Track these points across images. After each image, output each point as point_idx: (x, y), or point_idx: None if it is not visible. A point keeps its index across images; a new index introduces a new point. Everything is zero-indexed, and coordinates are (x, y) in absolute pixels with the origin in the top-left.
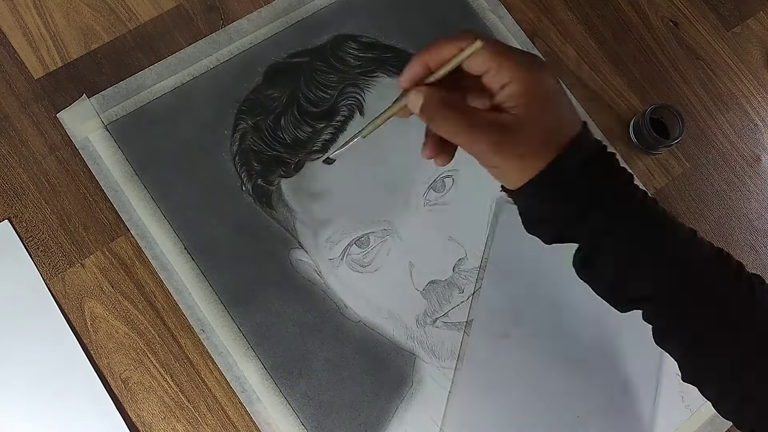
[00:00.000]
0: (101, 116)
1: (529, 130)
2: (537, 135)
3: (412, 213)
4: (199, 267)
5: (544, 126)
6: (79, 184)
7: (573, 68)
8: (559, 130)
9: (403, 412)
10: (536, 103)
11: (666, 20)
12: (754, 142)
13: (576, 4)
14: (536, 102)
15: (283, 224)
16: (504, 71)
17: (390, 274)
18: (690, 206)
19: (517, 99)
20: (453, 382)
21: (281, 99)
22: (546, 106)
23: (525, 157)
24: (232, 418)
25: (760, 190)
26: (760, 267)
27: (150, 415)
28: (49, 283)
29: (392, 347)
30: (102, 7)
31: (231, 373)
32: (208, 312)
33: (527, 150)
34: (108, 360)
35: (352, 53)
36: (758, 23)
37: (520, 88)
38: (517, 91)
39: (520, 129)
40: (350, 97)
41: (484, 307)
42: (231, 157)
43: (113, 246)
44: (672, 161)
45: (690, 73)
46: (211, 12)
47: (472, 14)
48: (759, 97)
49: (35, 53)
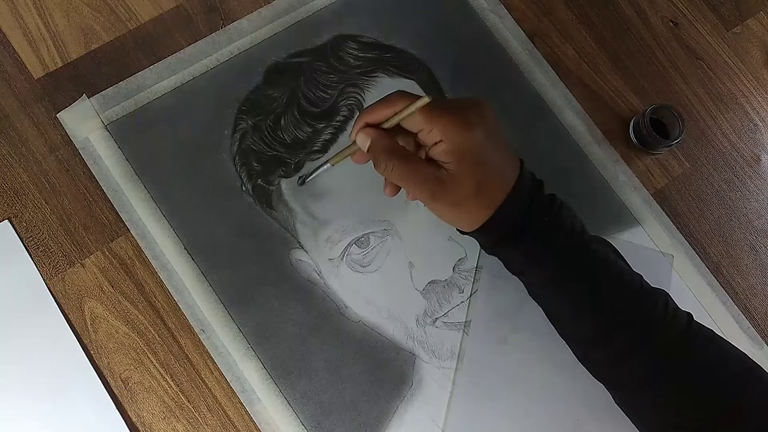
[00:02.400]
0: (101, 116)
1: (460, 183)
2: (469, 188)
3: (412, 213)
4: (199, 267)
5: (474, 180)
6: (79, 184)
7: (573, 68)
8: (491, 182)
9: (403, 412)
10: (465, 161)
11: (666, 20)
12: (754, 142)
13: (576, 4)
14: (465, 159)
15: (283, 224)
16: (435, 131)
17: (390, 274)
18: (690, 206)
19: (448, 156)
20: (453, 382)
21: (281, 99)
22: (475, 163)
23: (460, 206)
24: (232, 418)
25: (760, 190)
26: (760, 267)
27: (150, 415)
28: (49, 283)
29: (392, 347)
30: (102, 7)
31: (231, 373)
32: (208, 312)
33: (461, 200)
34: (108, 360)
35: (352, 53)
36: (758, 23)
37: (450, 147)
38: (448, 150)
39: (451, 182)
40: (350, 97)
41: (481, 312)
42: (231, 157)
43: (113, 246)
44: (672, 161)
45: (690, 73)
46: (211, 12)
47: (472, 14)
48: (759, 97)
49: (35, 53)
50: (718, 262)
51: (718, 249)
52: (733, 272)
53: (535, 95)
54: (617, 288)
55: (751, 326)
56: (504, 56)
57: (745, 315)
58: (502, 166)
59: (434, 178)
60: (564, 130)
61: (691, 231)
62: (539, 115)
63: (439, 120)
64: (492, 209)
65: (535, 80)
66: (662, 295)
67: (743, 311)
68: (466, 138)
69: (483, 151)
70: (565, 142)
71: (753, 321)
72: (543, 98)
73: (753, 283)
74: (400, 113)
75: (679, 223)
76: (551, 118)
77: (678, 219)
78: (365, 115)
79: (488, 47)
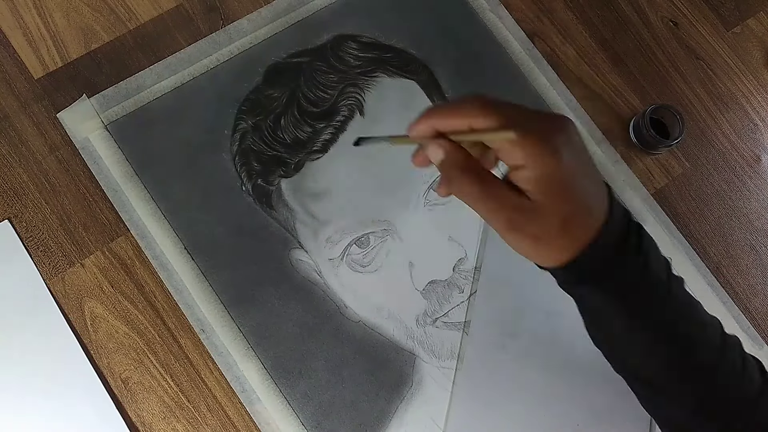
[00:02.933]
0: (101, 116)
1: (544, 216)
2: (554, 222)
3: (412, 213)
4: (199, 267)
5: (561, 214)
6: (79, 184)
7: (573, 68)
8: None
9: (403, 412)
10: (552, 192)
11: (666, 20)
12: (754, 142)
13: (576, 4)
14: (552, 190)
15: (283, 224)
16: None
17: (390, 274)
18: (690, 206)
19: (533, 185)
20: (454, 382)
21: (281, 99)
22: (563, 195)
23: (540, 241)
24: (232, 418)
25: (760, 190)
26: (760, 267)
27: (150, 415)
28: (49, 283)
29: (392, 347)
30: (102, 7)
31: (231, 373)
32: (208, 312)
33: (543, 234)
34: (108, 360)
35: (352, 53)
36: (758, 23)
37: (535, 175)
38: (532, 178)
39: (534, 214)
40: (350, 97)
41: (481, 313)
42: (231, 157)
43: (113, 246)
44: (672, 161)
45: (690, 73)
46: (211, 12)
47: (472, 14)
48: (759, 97)
49: (35, 53)
50: (719, 262)
51: (718, 249)
52: (733, 272)
53: (535, 95)
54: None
55: (751, 326)
56: (504, 56)
57: (745, 315)
58: (591, 198)
59: (514, 206)
60: None
61: (691, 231)
62: None
63: (523, 142)
64: (578, 248)
65: (535, 80)
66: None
67: (743, 311)
68: (554, 167)
69: (572, 181)
70: None
71: (753, 321)
72: (543, 98)
73: (753, 283)
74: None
75: (679, 223)
76: None
77: (678, 219)
78: (435, 118)
79: (488, 47)
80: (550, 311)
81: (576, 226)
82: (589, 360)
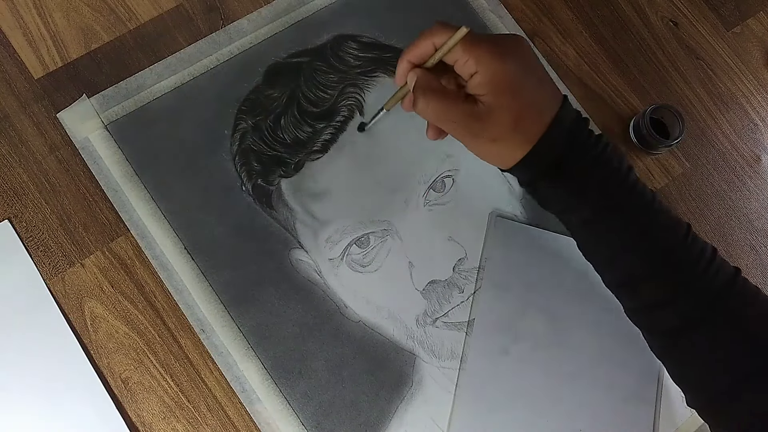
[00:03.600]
0: (101, 116)
1: (497, 117)
2: (506, 121)
3: (412, 213)
4: (199, 267)
5: (511, 112)
6: (79, 184)
7: (573, 68)
8: (529, 115)
9: (403, 412)
10: (500, 92)
11: (666, 20)
12: (754, 142)
13: (576, 4)
14: (500, 90)
15: (283, 224)
16: (471, 62)
17: (390, 274)
18: (690, 206)
19: (484, 88)
20: (457, 384)
21: (281, 99)
22: (511, 94)
23: (497, 142)
24: (232, 418)
25: (760, 190)
26: (760, 267)
27: (150, 415)
28: (49, 283)
29: (392, 347)
30: (102, 7)
31: (231, 373)
32: (208, 312)
33: (498, 135)
34: (108, 360)
35: (352, 53)
36: (758, 23)
37: (485, 78)
38: (483, 81)
39: (488, 117)
40: (350, 97)
41: (483, 314)
42: (231, 157)
43: (113, 246)
44: (672, 161)
45: (690, 73)
46: (211, 12)
47: (472, 14)
48: (759, 97)
49: (35, 53)
50: None
51: (718, 249)
52: None
53: None
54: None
55: None
56: None
57: None
58: (541, 98)
59: (471, 114)
60: None
61: None
62: None
63: (474, 50)
64: (531, 144)
65: None
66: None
67: None
68: (501, 67)
69: (519, 81)
70: None
71: None
72: None
73: (753, 283)
74: (441, 49)
75: None
76: None
77: None
78: (407, 53)
79: None
80: (553, 314)
81: (527, 122)
82: (594, 363)
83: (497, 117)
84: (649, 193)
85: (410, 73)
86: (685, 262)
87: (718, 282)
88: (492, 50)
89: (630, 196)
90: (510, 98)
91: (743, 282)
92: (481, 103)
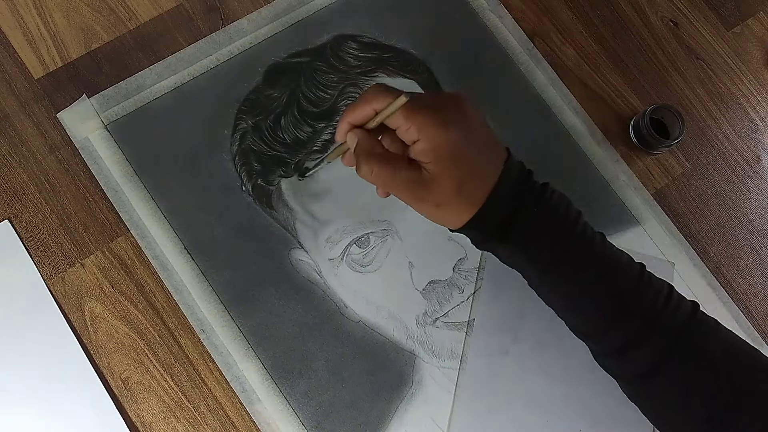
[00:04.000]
0: (101, 116)
1: (440, 184)
2: (449, 188)
3: (412, 213)
4: (199, 267)
5: (454, 179)
6: (79, 184)
7: (573, 68)
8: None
9: (403, 412)
10: (443, 160)
11: (666, 20)
12: (754, 142)
13: (576, 4)
14: (443, 158)
15: (283, 224)
16: (413, 129)
17: (390, 274)
18: (690, 206)
19: (427, 156)
20: (457, 384)
21: (281, 99)
22: (454, 161)
23: (443, 207)
24: (232, 418)
25: (760, 190)
26: (760, 267)
27: (150, 415)
28: (49, 283)
29: (392, 347)
30: (102, 7)
31: (231, 373)
32: (208, 312)
33: (443, 200)
34: (108, 360)
35: (352, 53)
36: (758, 23)
37: (428, 147)
38: (426, 149)
39: (432, 183)
40: (350, 97)
41: (484, 314)
42: (231, 157)
43: (113, 246)
44: (672, 161)
45: (690, 73)
46: (211, 12)
47: (472, 14)
48: (759, 97)
49: (35, 53)
50: (719, 262)
51: (718, 249)
52: (733, 272)
53: (535, 95)
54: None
55: (751, 326)
56: (504, 56)
57: (745, 315)
58: (484, 163)
59: (415, 179)
60: (564, 130)
61: (691, 231)
62: (539, 115)
63: (415, 118)
64: (476, 207)
65: (535, 80)
66: (665, 285)
67: (743, 311)
68: (443, 136)
69: (462, 149)
70: (565, 142)
71: (753, 321)
72: (543, 98)
73: (753, 283)
74: (382, 113)
75: (679, 223)
76: (551, 118)
77: (678, 219)
78: (348, 115)
79: (488, 47)
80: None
81: (470, 188)
82: (593, 364)
83: (441, 183)
84: (599, 237)
85: (350, 134)
86: (645, 303)
87: (680, 319)
88: (434, 118)
89: (580, 245)
90: (453, 166)
91: (702, 316)
92: (425, 169)
